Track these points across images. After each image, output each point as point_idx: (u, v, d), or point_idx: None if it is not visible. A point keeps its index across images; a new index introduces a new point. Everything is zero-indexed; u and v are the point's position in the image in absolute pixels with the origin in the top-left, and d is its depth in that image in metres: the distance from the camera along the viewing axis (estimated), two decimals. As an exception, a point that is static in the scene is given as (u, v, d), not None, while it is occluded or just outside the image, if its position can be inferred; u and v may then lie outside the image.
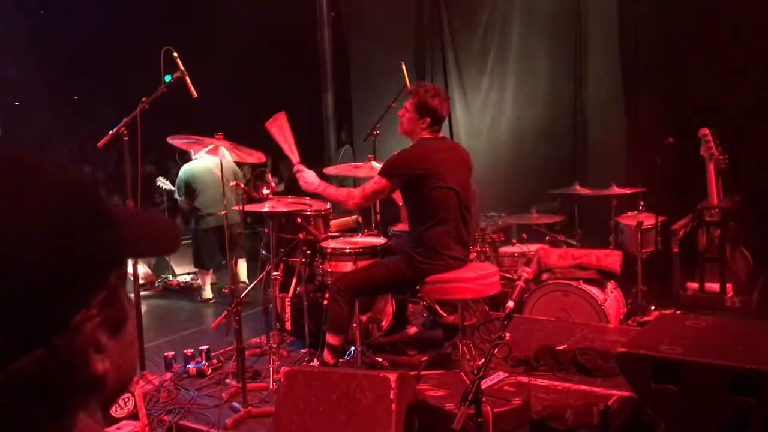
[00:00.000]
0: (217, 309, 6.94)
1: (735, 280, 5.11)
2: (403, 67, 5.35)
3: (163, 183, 7.48)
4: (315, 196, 4.49)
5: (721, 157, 5.18)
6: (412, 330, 4.76)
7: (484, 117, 7.73)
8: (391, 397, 3.10)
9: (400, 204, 5.15)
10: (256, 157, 4.60)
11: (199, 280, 7.51)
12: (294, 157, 4.38)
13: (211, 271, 7.42)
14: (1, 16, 12.90)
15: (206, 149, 4.41)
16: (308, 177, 4.29)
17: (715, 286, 5.03)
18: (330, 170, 5.52)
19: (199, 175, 6.90)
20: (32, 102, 13.61)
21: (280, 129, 4.38)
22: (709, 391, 2.88)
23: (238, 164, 6.84)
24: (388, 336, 4.82)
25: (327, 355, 4.18)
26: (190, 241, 7.35)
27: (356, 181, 5.56)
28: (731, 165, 5.22)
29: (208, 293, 7.35)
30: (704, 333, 3.29)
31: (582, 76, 7.05)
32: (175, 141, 4.57)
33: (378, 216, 5.14)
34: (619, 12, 6.77)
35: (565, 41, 7.11)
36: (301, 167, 4.34)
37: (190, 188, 6.91)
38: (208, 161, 6.77)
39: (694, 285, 5.14)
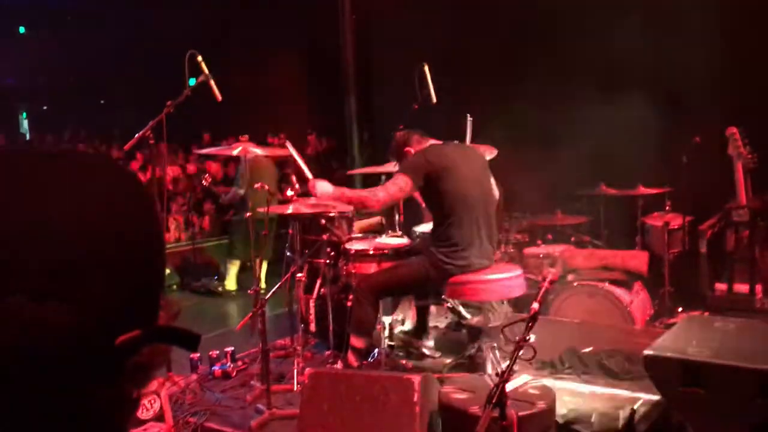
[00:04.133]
0: (241, 310, 6.99)
1: (765, 281, 5.02)
2: (426, 68, 5.34)
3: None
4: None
5: (749, 156, 5.10)
6: (429, 343, 4.72)
7: (508, 116, 7.69)
8: (415, 399, 3.09)
9: (423, 205, 5.13)
10: (281, 153, 4.67)
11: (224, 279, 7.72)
12: (308, 174, 4.40)
13: (239, 263, 7.65)
14: (29, 23, 13.12)
15: (236, 151, 4.46)
16: (322, 187, 4.17)
17: (744, 287, 4.95)
18: (355, 172, 5.53)
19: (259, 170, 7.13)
20: (60, 106, 13.83)
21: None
22: (738, 393, 2.84)
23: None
24: (407, 334, 4.81)
25: (351, 357, 4.19)
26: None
27: (383, 179, 5.57)
28: (760, 164, 5.14)
29: (231, 284, 7.60)
30: (733, 335, 3.24)
31: (606, 73, 6.99)
32: (202, 152, 4.62)
33: (401, 217, 5.13)
34: (643, 8, 6.71)
35: (589, 39, 7.05)
36: (313, 181, 4.28)
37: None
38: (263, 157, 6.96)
39: (723, 286, 5.06)
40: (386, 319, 4.65)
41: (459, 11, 8.05)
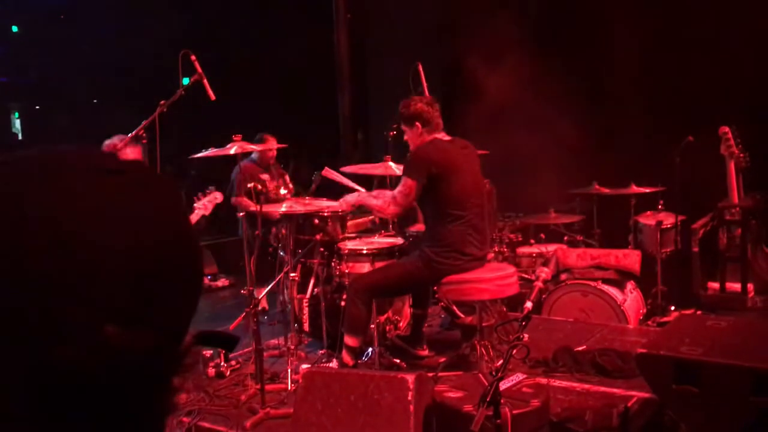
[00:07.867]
0: (235, 311, 6.95)
1: (757, 280, 5.04)
2: (420, 67, 5.34)
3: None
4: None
5: (741, 155, 5.13)
6: (424, 352, 4.71)
7: (501, 115, 7.69)
8: (410, 398, 3.09)
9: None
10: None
11: (218, 282, 7.56)
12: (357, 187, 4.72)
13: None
14: (21, 21, 13.07)
15: (231, 151, 4.42)
16: (347, 197, 4.46)
17: (736, 286, 4.97)
18: (347, 169, 5.53)
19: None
20: (52, 105, 13.76)
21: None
22: (731, 392, 2.85)
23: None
24: (403, 340, 4.79)
25: (345, 357, 4.19)
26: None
27: (375, 182, 5.57)
28: (752, 163, 5.17)
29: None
30: (725, 333, 3.25)
31: (600, 74, 7.01)
32: (196, 156, 4.58)
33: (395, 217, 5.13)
34: (636, 9, 6.73)
35: (583, 40, 7.08)
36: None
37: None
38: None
39: (715, 285, 5.08)
40: (380, 321, 4.64)
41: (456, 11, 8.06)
